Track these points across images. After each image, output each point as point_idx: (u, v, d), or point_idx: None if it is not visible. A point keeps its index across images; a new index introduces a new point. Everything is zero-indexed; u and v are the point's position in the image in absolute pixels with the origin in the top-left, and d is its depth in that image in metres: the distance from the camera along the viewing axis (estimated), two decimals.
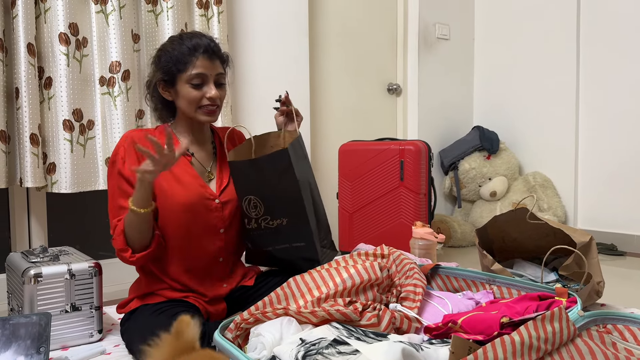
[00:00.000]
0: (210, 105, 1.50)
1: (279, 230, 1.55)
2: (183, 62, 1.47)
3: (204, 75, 1.48)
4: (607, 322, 1.16)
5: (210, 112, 1.51)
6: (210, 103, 1.50)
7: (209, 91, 1.48)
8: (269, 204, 1.53)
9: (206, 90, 1.49)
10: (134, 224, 1.40)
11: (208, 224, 1.53)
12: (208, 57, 1.48)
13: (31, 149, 1.87)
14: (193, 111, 1.51)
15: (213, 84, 1.50)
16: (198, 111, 1.50)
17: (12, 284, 1.59)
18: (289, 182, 1.51)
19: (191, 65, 1.47)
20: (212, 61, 1.49)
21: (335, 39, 3.06)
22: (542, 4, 3.23)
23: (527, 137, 3.34)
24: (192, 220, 1.50)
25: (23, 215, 2.07)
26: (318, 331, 1.13)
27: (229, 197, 1.57)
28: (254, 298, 1.57)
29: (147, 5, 2.19)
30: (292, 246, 1.57)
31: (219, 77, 1.52)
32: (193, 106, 1.50)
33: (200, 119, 1.51)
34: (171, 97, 1.54)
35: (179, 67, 1.48)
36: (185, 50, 1.48)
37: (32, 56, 1.87)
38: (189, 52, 1.48)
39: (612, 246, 2.90)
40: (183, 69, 1.47)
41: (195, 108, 1.50)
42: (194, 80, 1.48)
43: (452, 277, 1.65)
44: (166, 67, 1.50)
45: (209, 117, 1.52)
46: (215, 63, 1.51)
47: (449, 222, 3.09)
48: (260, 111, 2.59)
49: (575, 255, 1.67)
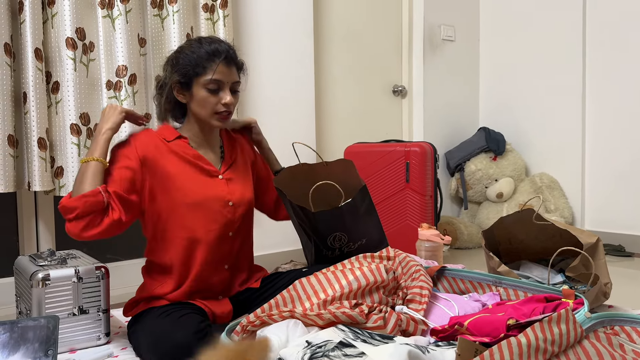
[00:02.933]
0: (224, 112, 1.51)
1: (359, 249, 1.70)
2: (202, 66, 1.48)
3: (221, 81, 1.49)
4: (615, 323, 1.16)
5: (223, 117, 1.52)
6: (225, 109, 1.51)
7: (224, 97, 1.50)
8: (352, 234, 1.68)
9: (222, 96, 1.50)
10: (82, 177, 1.41)
11: (218, 226, 1.54)
12: (226, 63, 1.50)
13: (39, 153, 1.88)
14: (208, 116, 1.52)
15: (229, 90, 1.51)
16: (213, 116, 1.52)
17: (21, 287, 1.61)
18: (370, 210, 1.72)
19: (210, 70, 1.48)
20: (229, 68, 1.51)
21: (340, 41, 3.06)
22: (548, 4, 3.22)
23: (533, 138, 3.33)
24: (199, 220, 1.51)
25: (31, 218, 2.09)
26: (324, 334, 1.13)
27: (239, 200, 1.57)
28: (260, 300, 1.58)
29: (153, 10, 2.21)
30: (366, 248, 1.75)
31: (235, 84, 1.54)
32: (208, 111, 1.51)
33: (214, 123, 1.53)
34: (185, 100, 1.54)
35: (197, 71, 1.49)
36: (204, 55, 1.49)
37: (39, 61, 1.88)
38: (208, 57, 1.49)
39: (619, 247, 2.89)
40: (201, 72, 1.49)
41: (211, 113, 1.51)
42: (211, 85, 1.49)
43: (458, 279, 1.65)
44: (184, 69, 1.50)
45: (222, 122, 1.53)
46: (232, 70, 1.52)
47: (455, 224, 3.08)
48: (265, 113, 2.60)
49: (582, 257, 1.66)
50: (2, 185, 1.82)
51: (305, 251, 1.86)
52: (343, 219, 1.66)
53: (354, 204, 1.67)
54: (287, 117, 2.69)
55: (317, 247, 1.71)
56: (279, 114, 2.67)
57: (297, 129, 2.73)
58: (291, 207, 1.73)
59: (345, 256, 1.68)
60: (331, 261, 1.62)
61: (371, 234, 1.75)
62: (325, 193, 1.83)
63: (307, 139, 2.77)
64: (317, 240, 1.69)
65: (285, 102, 2.69)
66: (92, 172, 1.42)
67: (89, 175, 1.41)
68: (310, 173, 1.81)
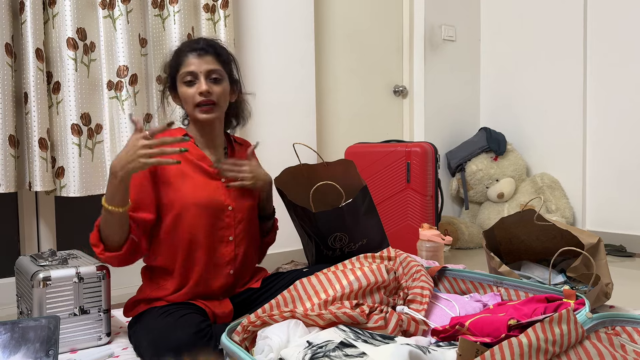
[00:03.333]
0: (204, 103, 1.50)
1: (360, 249, 1.71)
2: (177, 63, 1.54)
3: (194, 72, 1.50)
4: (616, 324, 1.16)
5: (206, 110, 1.51)
6: (204, 99, 1.50)
7: (199, 86, 1.50)
8: (353, 234, 1.68)
9: (197, 86, 1.50)
10: (108, 222, 1.39)
11: (217, 229, 1.53)
12: (197, 54, 1.52)
13: (40, 153, 1.88)
14: (191, 110, 1.53)
15: (204, 79, 1.50)
16: (196, 109, 1.52)
17: (21, 288, 1.61)
18: (371, 211, 1.72)
19: (182, 64, 1.52)
20: (201, 58, 1.52)
21: (341, 42, 3.06)
22: (549, 4, 3.22)
23: (534, 138, 3.33)
24: (197, 222, 1.50)
25: (32, 219, 2.09)
26: (325, 334, 1.13)
27: (239, 205, 1.57)
28: (261, 300, 1.58)
29: (154, 10, 2.21)
30: (367, 248, 1.75)
31: (211, 72, 1.52)
32: (190, 105, 1.52)
33: (199, 117, 1.52)
34: (179, 102, 1.59)
35: (175, 69, 1.54)
36: (180, 53, 1.54)
37: (40, 61, 1.89)
38: (181, 53, 1.54)
39: (621, 247, 2.89)
40: (177, 70, 1.53)
41: (193, 107, 1.52)
42: (186, 78, 1.51)
43: (459, 279, 1.65)
44: (168, 71, 1.58)
45: (205, 114, 1.51)
46: (205, 59, 1.52)
47: (456, 224, 3.08)
48: (266, 114, 2.60)
49: (583, 257, 1.66)
50: (3, 186, 1.82)
51: (306, 251, 1.86)
52: (344, 220, 1.66)
53: (355, 205, 1.67)
54: (287, 117, 2.69)
55: (318, 247, 1.71)
56: (279, 114, 2.67)
57: (298, 129, 2.73)
58: (292, 207, 1.73)
59: (346, 256, 1.68)
60: (332, 261, 1.61)
61: (372, 234, 1.75)
62: (326, 193, 1.83)
63: (308, 139, 2.77)
64: (317, 240, 1.69)
65: (286, 102, 2.69)
66: (120, 223, 1.39)
67: (116, 227, 1.40)
68: (311, 173, 1.81)
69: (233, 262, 1.57)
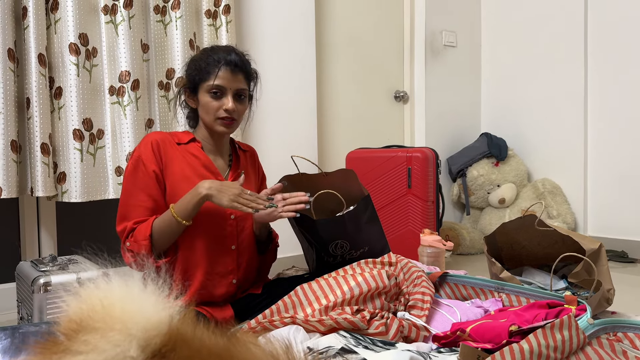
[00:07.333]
0: (226, 118, 1.52)
1: (361, 257, 1.70)
2: (206, 71, 1.52)
3: (223, 87, 1.51)
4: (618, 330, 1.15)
5: (227, 124, 1.53)
6: (227, 115, 1.52)
7: (226, 103, 1.51)
8: (354, 242, 1.67)
9: (224, 102, 1.51)
10: (167, 232, 1.43)
11: (219, 238, 1.53)
12: (230, 70, 1.51)
13: (42, 159, 1.89)
14: (211, 121, 1.54)
15: (232, 96, 1.52)
16: (216, 122, 1.53)
17: (22, 293, 1.61)
18: (373, 219, 1.71)
19: (213, 75, 1.51)
20: (234, 75, 1.52)
21: (342, 47, 3.07)
22: (550, 9, 3.22)
23: (535, 143, 3.33)
24: (199, 230, 1.50)
25: (33, 224, 2.09)
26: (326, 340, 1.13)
27: (242, 214, 1.56)
28: (262, 306, 1.57)
29: (156, 16, 2.22)
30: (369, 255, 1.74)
31: (240, 91, 1.54)
32: (211, 116, 1.53)
33: (217, 129, 1.54)
34: (194, 105, 1.59)
35: (201, 76, 1.53)
36: (211, 61, 1.52)
37: (42, 66, 1.89)
38: (212, 63, 1.52)
39: (622, 253, 2.88)
40: (205, 78, 1.52)
41: (214, 118, 1.53)
42: (213, 90, 1.51)
43: (460, 285, 1.64)
44: (191, 75, 1.56)
45: (225, 128, 1.54)
46: (237, 77, 1.53)
47: (458, 230, 3.08)
48: (267, 119, 2.60)
49: (584, 263, 1.66)
50: (5, 191, 1.82)
51: (306, 257, 1.86)
52: (345, 227, 1.66)
53: (356, 213, 1.67)
54: (289, 122, 2.70)
55: (319, 254, 1.71)
56: (281, 119, 2.67)
57: (299, 135, 2.74)
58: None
59: (347, 263, 1.68)
60: (333, 267, 1.61)
61: (373, 242, 1.75)
62: (328, 202, 1.83)
63: (309, 144, 2.77)
64: (318, 247, 1.69)
65: (287, 108, 2.69)
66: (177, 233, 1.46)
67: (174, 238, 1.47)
68: (311, 183, 1.81)
69: (236, 271, 1.56)
